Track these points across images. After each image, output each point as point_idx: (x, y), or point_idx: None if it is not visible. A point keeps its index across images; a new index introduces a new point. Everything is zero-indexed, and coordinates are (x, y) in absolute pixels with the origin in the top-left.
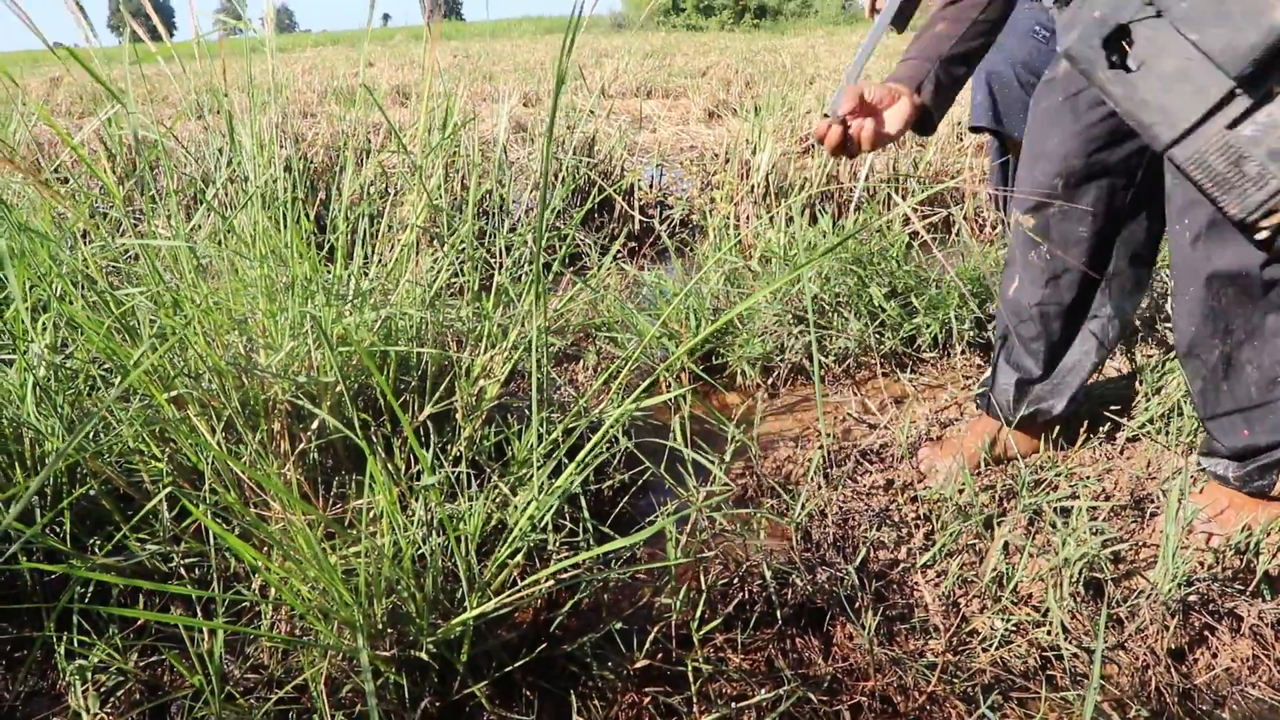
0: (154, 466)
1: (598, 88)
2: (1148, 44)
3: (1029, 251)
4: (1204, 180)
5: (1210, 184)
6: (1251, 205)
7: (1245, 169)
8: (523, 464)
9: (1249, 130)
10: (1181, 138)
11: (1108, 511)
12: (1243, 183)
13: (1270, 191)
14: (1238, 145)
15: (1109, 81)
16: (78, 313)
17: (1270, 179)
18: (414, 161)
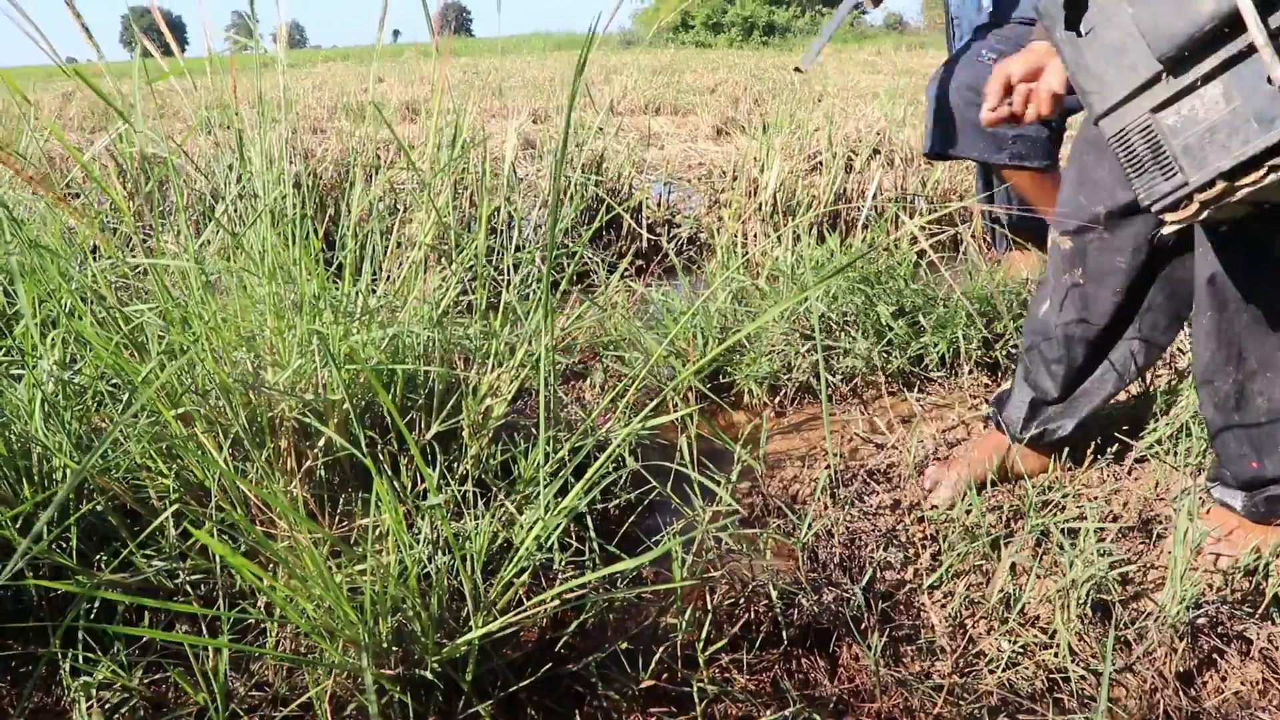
0: (161, 483)
1: (607, 104)
2: (1099, 12)
3: (1063, 274)
4: (1124, 158)
5: (1128, 163)
6: (1156, 194)
7: (1159, 157)
8: (529, 483)
9: (1171, 119)
10: (1110, 110)
11: (1115, 533)
12: (1154, 169)
13: (1175, 185)
14: (1158, 131)
15: (1062, 42)
16: (86, 329)
17: (1176, 173)
18: (422, 179)
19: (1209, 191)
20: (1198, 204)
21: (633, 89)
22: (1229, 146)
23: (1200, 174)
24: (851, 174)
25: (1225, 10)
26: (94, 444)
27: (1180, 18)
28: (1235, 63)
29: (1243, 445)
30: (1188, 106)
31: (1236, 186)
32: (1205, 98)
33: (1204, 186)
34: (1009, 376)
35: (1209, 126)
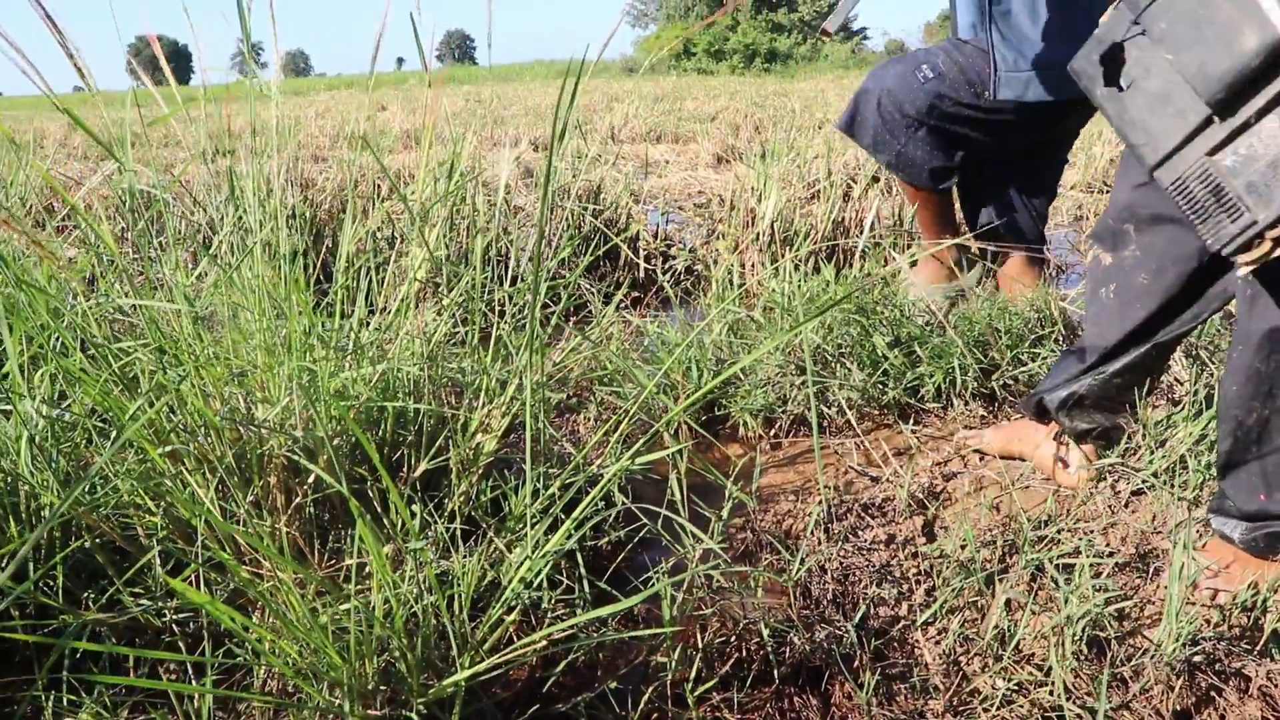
0: (149, 520)
1: (607, 132)
2: (1136, 63)
3: (1099, 288)
4: (1185, 206)
5: (1190, 211)
6: (1225, 237)
7: (1222, 199)
8: (519, 519)
9: (1228, 160)
10: (1164, 160)
11: (1111, 567)
12: (1219, 213)
13: (1243, 225)
14: (1217, 174)
15: (1105, 99)
16: (74, 366)
17: (1243, 213)
18: (415, 214)
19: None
20: (1270, 241)
21: (634, 116)
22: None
23: (1269, 210)
24: (850, 202)
25: (1272, 42)
26: (83, 478)
27: (1227, 57)
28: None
29: (1254, 477)
30: (1245, 145)
31: None
32: (1263, 133)
33: (1275, 223)
34: (1005, 407)
35: (1270, 161)
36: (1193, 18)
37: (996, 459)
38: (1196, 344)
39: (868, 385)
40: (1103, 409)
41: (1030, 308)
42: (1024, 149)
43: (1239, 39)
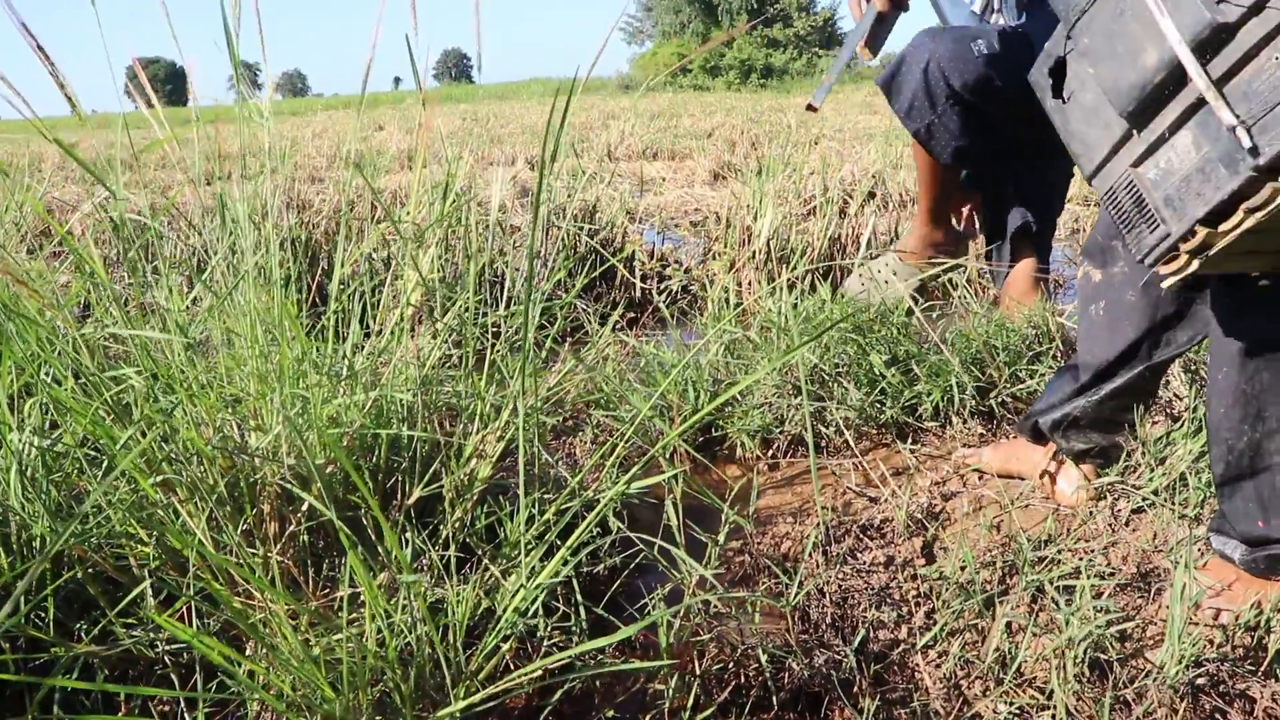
0: (141, 550)
1: (604, 150)
2: (1074, 76)
3: (1088, 305)
4: (1115, 216)
5: (1118, 219)
6: (1145, 247)
7: (1144, 210)
8: (515, 546)
9: (1151, 172)
10: (1097, 170)
11: (1113, 587)
12: (1140, 223)
13: (1159, 236)
14: (1140, 185)
15: (1052, 111)
16: (65, 396)
17: (1159, 224)
18: (405, 238)
19: (1192, 241)
20: (1184, 254)
21: (630, 134)
22: (1203, 193)
23: (1180, 224)
24: (846, 218)
25: (1170, 59)
26: (73, 511)
27: (1133, 71)
28: (1197, 109)
29: (1250, 503)
30: (1164, 158)
31: (1219, 233)
32: (1177, 147)
33: (1186, 236)
34: (1004, 425)
35: (1184, 175)
36: (1108, 33)
37: (995, 478)
38: (1195, 359)
39: (865, 404)
40: (1099, 429)
41: (1028, 324)
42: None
43: (1142, 55)
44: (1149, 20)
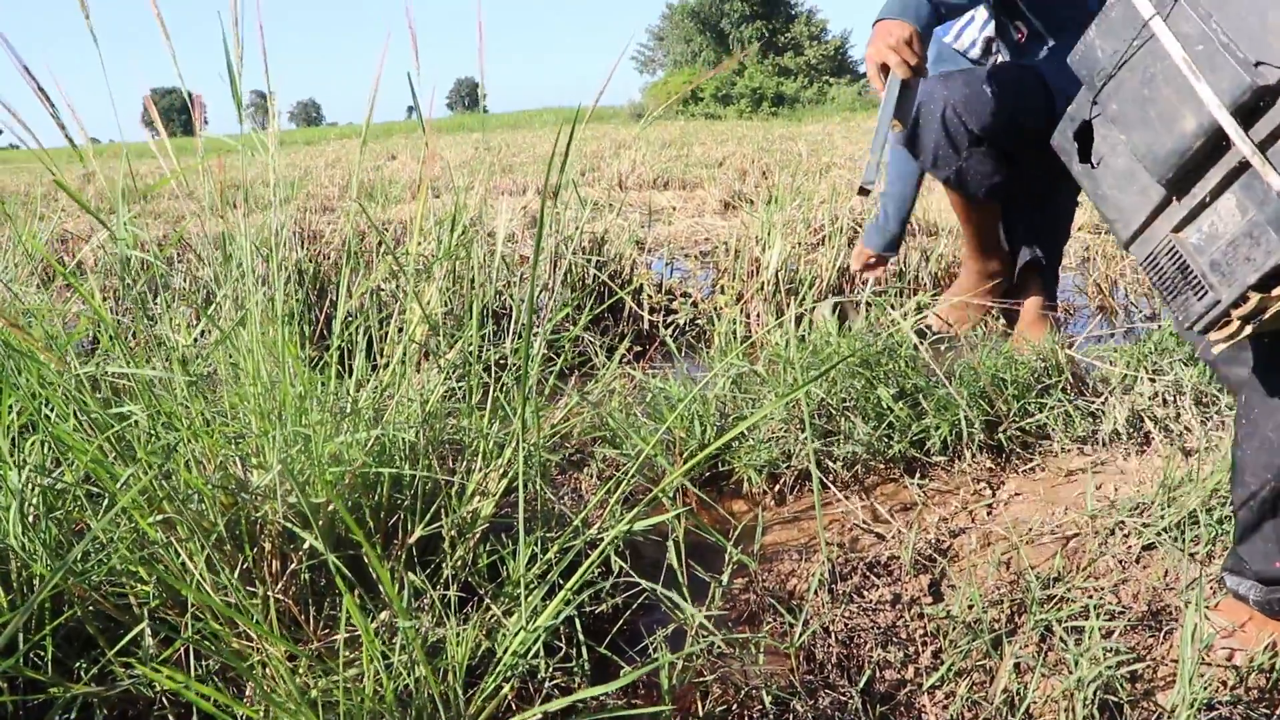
0: (141, 589)
1: (615, 179)
2: (1103, 140)
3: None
4: (1156, 282)
5: (1161, 287)
6: (1193, 315)
7: (1189, 277)
8: (517, 585)
9: (1193, 237)
10: (1134, 236)
11: (1124, 625)
12: (1186, 290)
13: (1208, 304)
14: (1183, 251)
15: (1081, 175)
16: (65, 433)
17: (1208, 291)
18: (410, 276)
19: (1244, 307)
20: (1237, 320)
21: (641, 163)
22: (1253, 258)
23: (1231, 290)
24: (856, 249)
25: (1209, 125)
26: (73, 549)
27: (1169, 138)
28: (1240, 173)
29: (1269, 544)
30: (1207, 223)
31: (1272, 298)
32: (1221, 212)
33: (1237, 302)
34: (1012, 458)
35: (1230, 240)
36: (1139, 99)
37: (1004, 512)
38: (1210, 392)
39: (873, 439)
40: None
41: (1036, 357)
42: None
43: (1179, 121)
44: (1184, 86)
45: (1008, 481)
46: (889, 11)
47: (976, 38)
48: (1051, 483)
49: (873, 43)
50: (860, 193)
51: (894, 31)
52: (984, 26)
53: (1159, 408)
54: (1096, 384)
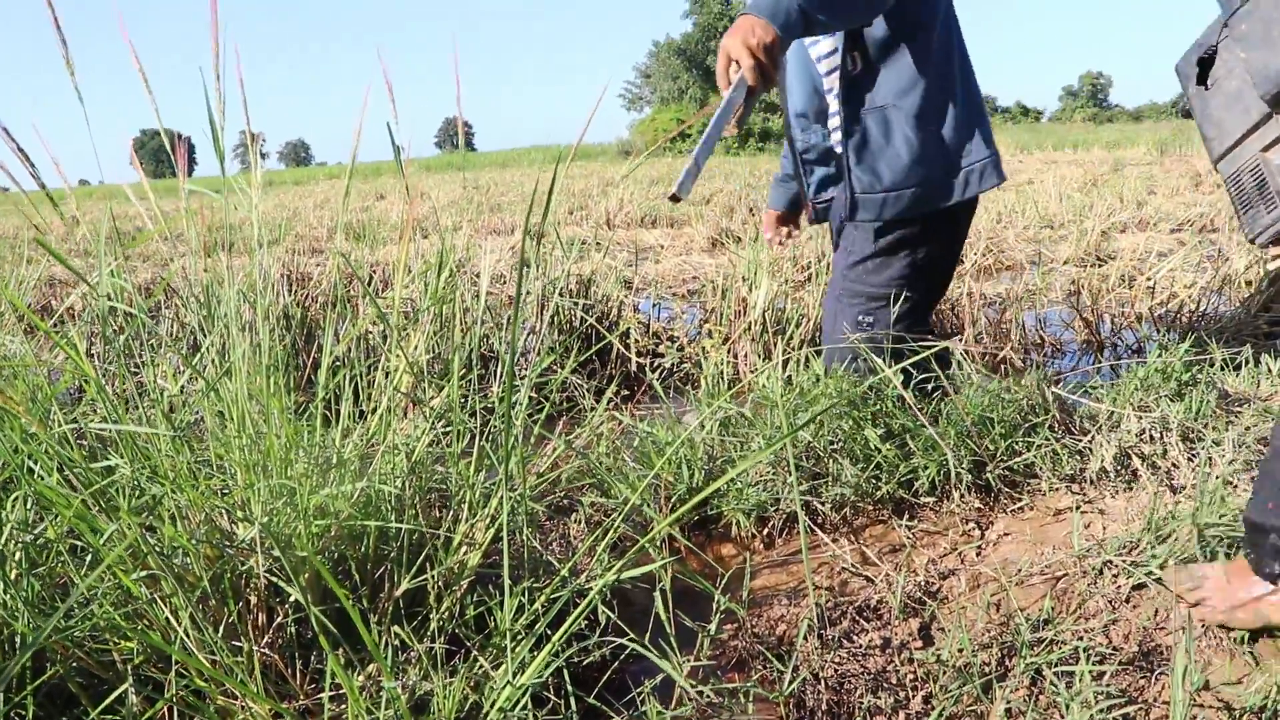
0: (125, 646)
1: (603, 218)
2: (1221, 64)
3: None
4: (1235, 196)
5: (1238, 201)
6: (1259, 227)
7: (1264, 192)
8: (504, 636)
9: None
10: (1226, 153)
11: (1115, 665)
12: (1259, 204)
13: (1276, 217)
14: (1265, 169)
15: (1194, 96)
16: (47, 489)
17: (1278, 206)
18: (394, 328)
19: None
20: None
21: (629, 201)
22: None
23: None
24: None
25: None
26: (56, 606)
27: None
28: None
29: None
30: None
31: None
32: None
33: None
34: (1001, 498)
35: None
36: (1266, 21)
37: (993, 553)
38: (1195, 426)
39: (861, 480)
40: None
41: (1023, 394)
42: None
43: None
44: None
45: (996, 521)
46: (759, 8)
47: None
48: (1040, 522)
49: (732, 35)
50: (671, 199)
51: (758, 32)
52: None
53: (1146, 445)
54: (1084, 421)
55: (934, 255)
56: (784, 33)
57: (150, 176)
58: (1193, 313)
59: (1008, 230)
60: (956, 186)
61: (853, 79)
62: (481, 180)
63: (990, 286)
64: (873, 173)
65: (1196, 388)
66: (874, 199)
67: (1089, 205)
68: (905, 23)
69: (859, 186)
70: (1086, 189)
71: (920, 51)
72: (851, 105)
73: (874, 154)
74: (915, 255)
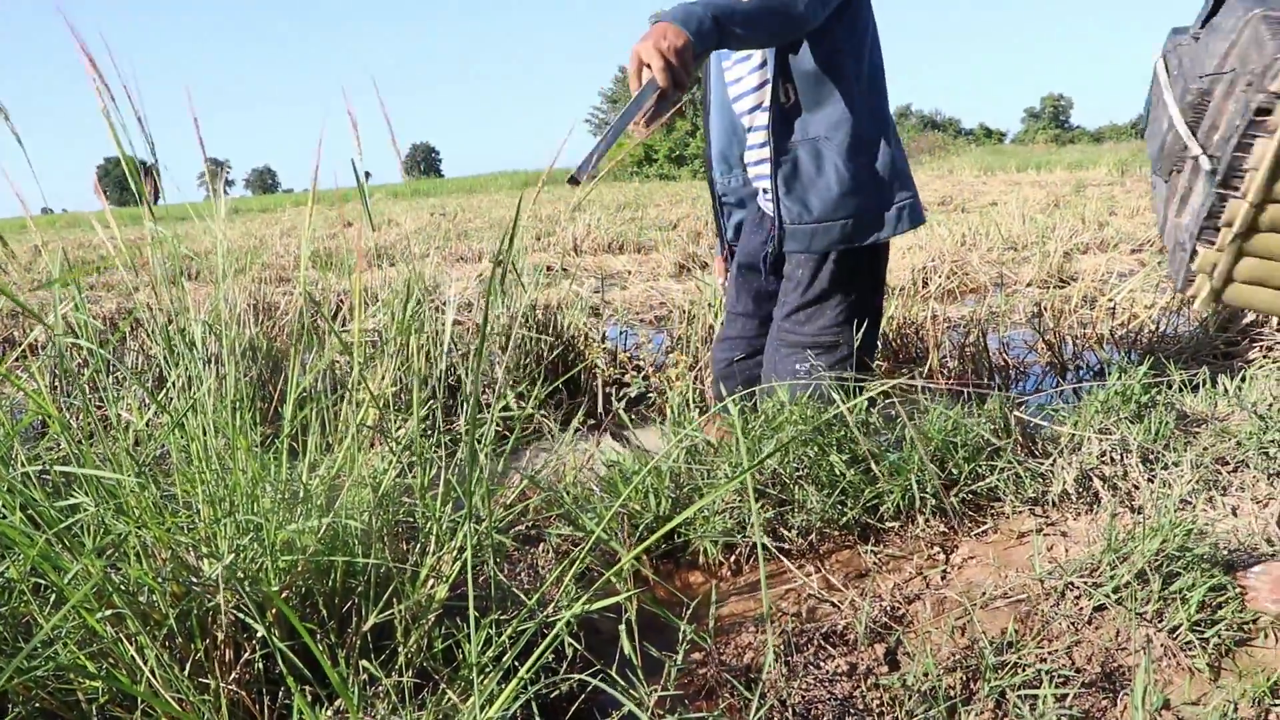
0: (89, 685)
1: (569, 244)
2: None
3: None
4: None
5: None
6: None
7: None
8: (472, 669)
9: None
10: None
11: (1078, 687)
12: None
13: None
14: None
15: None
16: (9, 528)
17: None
18: (357, 362)
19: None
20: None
21: (596, 226)
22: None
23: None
24: None
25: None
26: (18, 646)
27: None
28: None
29: None
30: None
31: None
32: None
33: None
34: (965, 521)
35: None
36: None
37: (957, 577)
38: (1154, 447)
39: (826, 506)
40: None
41: (986, 418)
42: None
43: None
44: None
45: (960, 545)
46: (673, 16)
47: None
48: (1004, 545)
49: (645, 40)
50: (570, 182)
51: (669, 36)
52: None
53: (1107, 466)
54: (1045, 444)
55: (864, 298)
56: (697, 40)
57: (115, 204)
58: (1153, 333)
59: (972, 253)
60: (889, 221)
61: (784, 110)
62: (449, 206)
63: (955, 309)
64: (802, 203)
65: (1156, 409)
66: (803, 230)
67: (1051, 227)
68: (833, 52)
69: (788, 217)
70: (1049, 210)
71: (851, 84)
72: (782, 137)
73: (804, 185)
74: (847, 300)
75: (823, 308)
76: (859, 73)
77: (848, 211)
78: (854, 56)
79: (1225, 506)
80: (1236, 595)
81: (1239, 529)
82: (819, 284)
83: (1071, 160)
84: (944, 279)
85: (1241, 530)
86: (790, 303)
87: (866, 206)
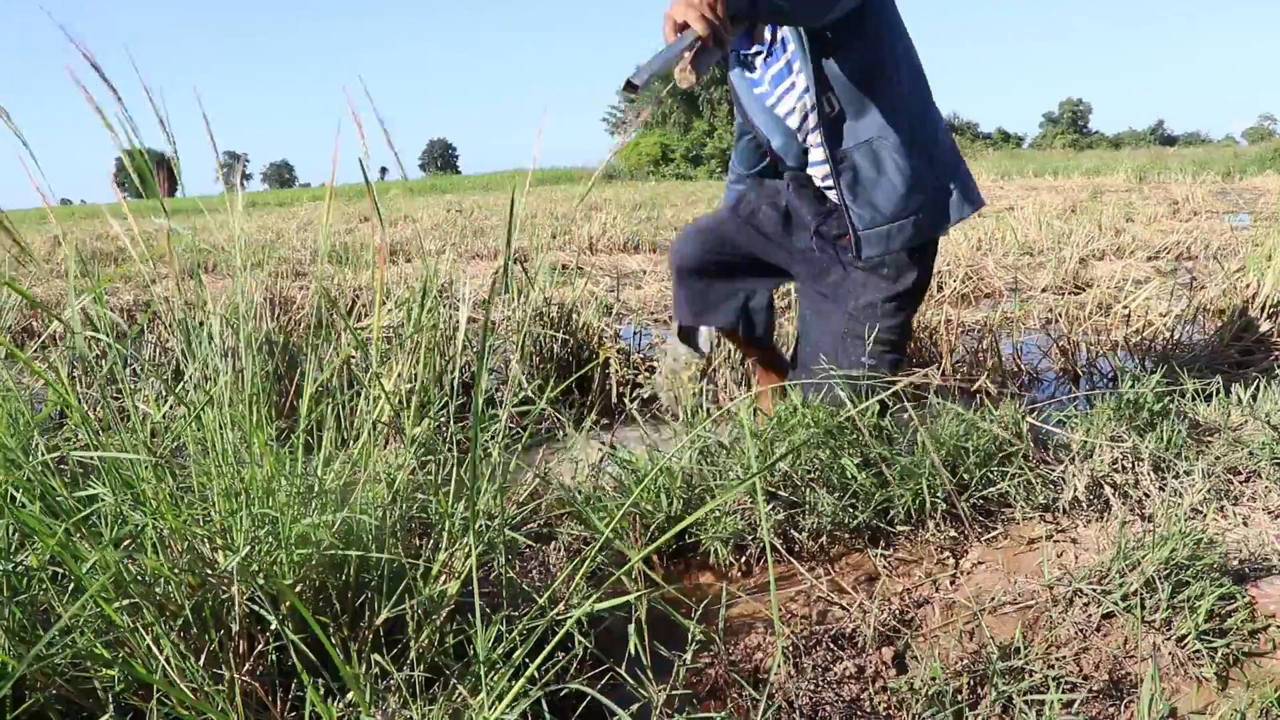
0: (106, 674)
1: (585, 243)
2: None
3: None
4: None
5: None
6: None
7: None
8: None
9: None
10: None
11: (1086, 695)
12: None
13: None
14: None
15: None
16: (29, 517)
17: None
18: (375, 359)
19: None
20: None
21: (612, 226)
22: None
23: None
24: None
25: None
26: (38, 635)
27: None
28: None
29: None
30: None
31: None
32: None
33: None
34: (975, 526)
35: None
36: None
37: (967, 582)
38: (1164, 455)
39: (837, 509)
40: None
41: (998, 424)
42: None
43: None
44: None
45: (970, 550)
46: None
47: (794, 106)
48: (1014, 551)
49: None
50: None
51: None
52: (802, 95)
53: (1118, 474)
54: (1057, 451)
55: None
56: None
57: (134, 197)
58: (1167, 341)
59: (987, 257)
60: (954, 206)
61: (832, 121)
62: (466, 203)
63: (969, 314)
64: (871, 206)
65: (1168, 418)
66: (878, 233)
67: (1068, 232)
68: (865, 56)
69: (859, 223)
70: (1066, 216)
71: (891, 84)
72: (836, 146)
73: (868, 188)
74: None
75: (905, 305)
76: (897, 72)
77: (917, 205)
78: (888, 57)
79: (1236, 516)
80: (1246, 605)
81: (1249, 539)
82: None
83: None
84: (959, 283)
85: (1252, 540)
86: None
87: (933, 197)
